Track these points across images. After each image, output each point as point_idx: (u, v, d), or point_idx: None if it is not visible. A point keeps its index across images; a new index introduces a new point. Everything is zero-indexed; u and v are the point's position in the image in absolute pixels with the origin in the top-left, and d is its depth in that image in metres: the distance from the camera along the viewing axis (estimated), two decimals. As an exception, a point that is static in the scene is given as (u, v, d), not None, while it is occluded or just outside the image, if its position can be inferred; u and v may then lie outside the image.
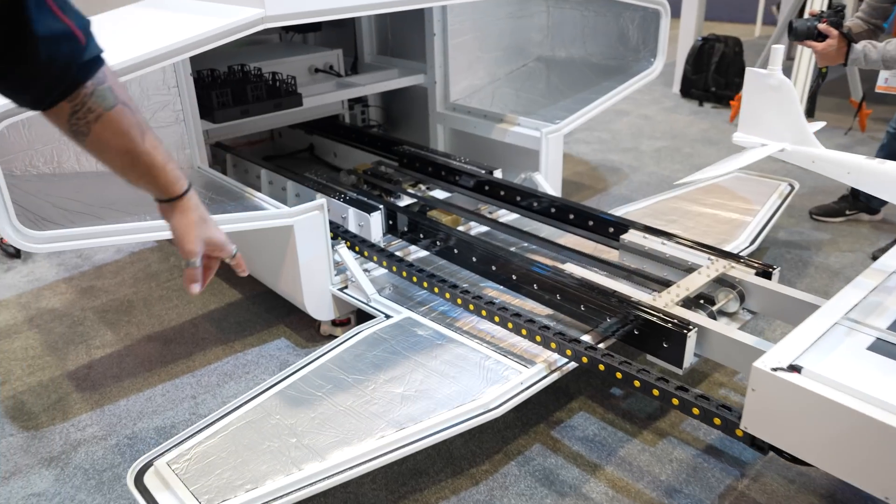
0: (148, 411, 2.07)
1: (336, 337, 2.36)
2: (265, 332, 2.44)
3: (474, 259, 2.13)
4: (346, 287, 2.25)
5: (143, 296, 2.72)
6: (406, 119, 3.53)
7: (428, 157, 2.87)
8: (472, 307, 1.90)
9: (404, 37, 3.38)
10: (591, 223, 2.33)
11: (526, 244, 2.41)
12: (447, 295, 1.97)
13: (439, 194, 2.74)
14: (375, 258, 2.22)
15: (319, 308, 2.25)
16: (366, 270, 2.29)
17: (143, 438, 1.96)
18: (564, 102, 3.09)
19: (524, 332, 1.77)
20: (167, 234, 1.94)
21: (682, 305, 1.77)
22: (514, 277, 2.01)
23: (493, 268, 2.07)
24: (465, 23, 3.16)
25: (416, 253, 2.43)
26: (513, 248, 2.40)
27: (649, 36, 3.14)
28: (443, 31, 3.12)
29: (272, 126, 3.26)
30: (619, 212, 2.67)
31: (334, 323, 2.34)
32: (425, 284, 2.04)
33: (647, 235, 2.14)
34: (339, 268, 2.26)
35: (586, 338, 1.86)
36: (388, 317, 2.04)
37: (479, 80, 3.32)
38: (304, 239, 2.12)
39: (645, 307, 1.72)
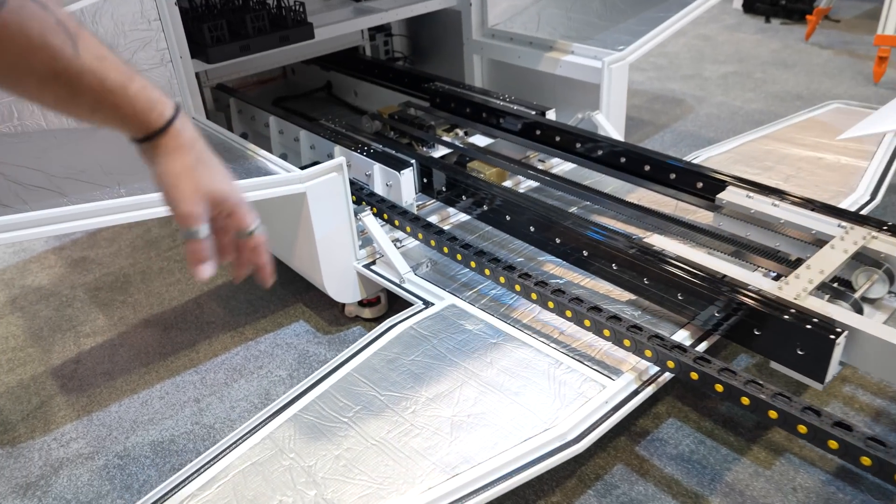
0: (143, 420, 1.72)
1: (364, 318, 1.99)
2: (281, 312, 2.07)
3: (532, 228, 1.71)
4: (374, 263, 1.85)
5: (141, 268, 2.35)
6: (437, 49, 3.04)
7: (465, 96, 2.41)
8: (534, 296, 1.49)
9: (432, -50, 2.85)
10: (672, 176, 1.88)
11: (588, 203, 1.97)
12: (502, 279, 1.56)
13: (480, 140, 2.30)
14: (409, 228, 1.81)
15: (342, 289, 1.86)
16: (397, 241, 1.89)
17: (137, 457, 1.62)
18: (626, 24, 2.58)
19: (607, 332, 1.37)
20: (146, 213, 1.55)
21: (815, 294, 1.34)
22: (584, 254, 1.59)
23: (557, 240, 1.65)
24: (504, -70, 2.63)
25: (455, 216, 2.01)
26: (573, 209, 1.97)
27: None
28: (478, -59, 2.60)
29: (280, 63, 2.80)
30: (699, 158, 2.21)
31: (362, 303, 1.95)
32: (473, 265, 1.63)
33: (751, 194, 1.69)
34: (366, 237, 1.86)
35: (682, 335, 1.45)
36: (426, 303, 1.65)
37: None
38: (319, 208, 1.71)
39: (771, 300, 1.30)
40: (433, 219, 1.99)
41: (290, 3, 2.28)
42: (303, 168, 2.02)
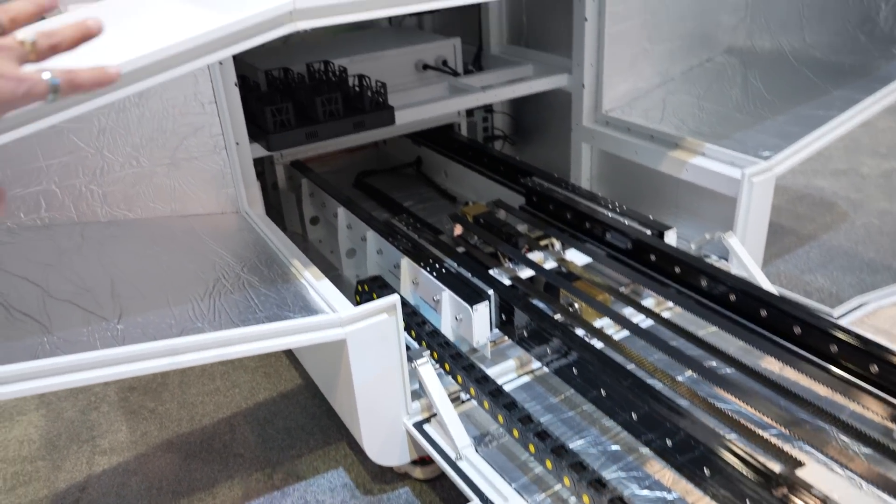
0: (131, 591, 1.42)
1: (414, 478, 1.62)
2: (319, 453, 1.73)
3: (633, 415, 1.28)
4: (428, 420, 1.48)
5: (182, 367, 2.09)
6: (542, 132, 2.68)
7: (566, 199, 2.02)
8: (628, 539, 1.06)
9: (545, 21, 2.51)
10: (833, 349, 1.40)
11: (709, 371, 1.51)
12: (586, 498, 1.14)
13: (578, 257, 1.89)
14: (473, 391, 1.43)
15: (386, 449, 1.49)
16: (460, 395, 1.51)
17: None
18: (774, 121, 2.11)
19: None
20: (130, 370, 1.20)
21: None
22: (706, 472, 1.15)
23: (668, 441, 1.21)
24: (630, 2, 2.24)
25: (536, 363, 1.61)
26: (686, 374, 1.52)
27: (912, 20, 2.09)
28: (598, 15, 2.23)
29: (355, 143, 2.53)
30: (865, 309, 1.70)
31: (414, 461, 1.58)
32: (549, 465, 1.22)
33: (959, 405, 1.19)
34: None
35: None
36: (483, 500, 1.25)
37: (645, 81, 2.40)
38: (362, 356, 1.36)
39: None
40: (510, 364, 1.60)
41: (372, 83, 1.99)
42: (361, 286, 1.71)
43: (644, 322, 1.64)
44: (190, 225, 1.74)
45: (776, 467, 1.08)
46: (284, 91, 2.04)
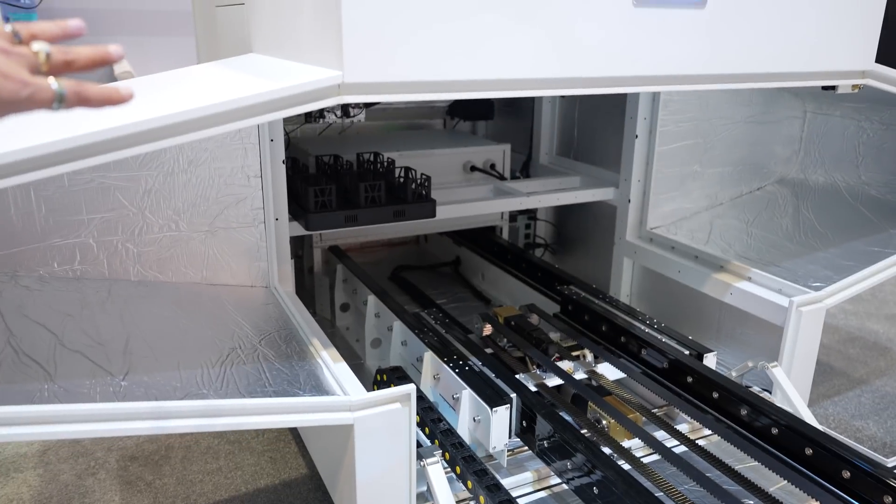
0: None
1: None
2: (313, 551, 1.61)
3: (657, 548, 1.15)
4: (431, 527, 1.36)
5: (188, 442, 2.02)
6: (584, 243, 2.64)
7: (603, 311, 1.95)
8: None
9: (595, 135, 2.54)
10: (888, 500, 1.26)
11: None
12: None
13: (609, 371, 1.79)
14: (482, 500, 1.32)
15: (384, 555, 1.38)
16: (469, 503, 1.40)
17: None
18: (826, 253, 2.04)
19: None
20: (115, 428, 1.12)
21: None
22: None
23: (693, 582, 1.08)
24: (682, 124, 2.25)
25: (555, 479, 1.49)
26: (727, 509, 1.38)
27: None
28: (649, 133, 2.24)
29: (396, 236, 2.53)
30: (925, 461, 1.55)
31: (410, 571, 1.45)
32: (556, 592, 1.10)
33: None
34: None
35: None
36: None
37: (693, 203, 2.37)
38: (368, 446, 1.28)
39: None
40: (526, 476, 1.49)
41: (417, 176, 2.00)
42: (380, 375, 1.65)
43: (677, 448, 1.52)
44: (217, 293, 1.72)
45: None
46: (331, 175, 2.07)
